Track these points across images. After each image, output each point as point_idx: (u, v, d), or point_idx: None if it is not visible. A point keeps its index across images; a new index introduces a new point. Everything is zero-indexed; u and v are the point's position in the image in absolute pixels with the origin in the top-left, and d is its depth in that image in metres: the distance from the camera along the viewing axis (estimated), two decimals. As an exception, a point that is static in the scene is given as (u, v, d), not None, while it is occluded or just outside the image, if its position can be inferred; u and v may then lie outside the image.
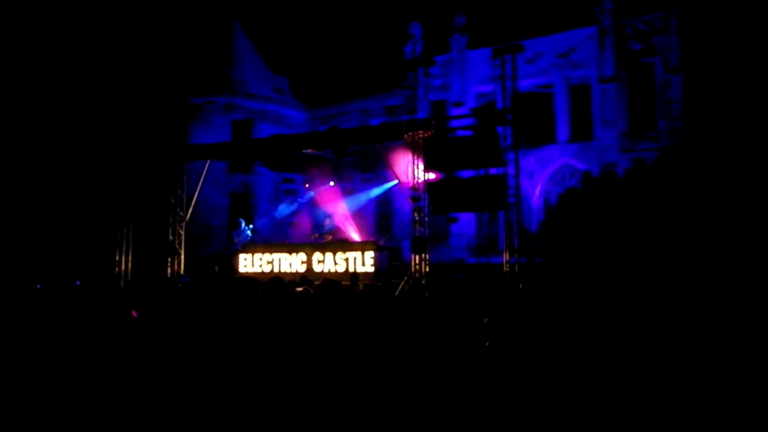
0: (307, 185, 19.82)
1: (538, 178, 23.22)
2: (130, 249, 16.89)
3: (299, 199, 18.26)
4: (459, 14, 25.25)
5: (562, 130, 23.34)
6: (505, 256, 14.32)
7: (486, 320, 6.53)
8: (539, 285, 10.48)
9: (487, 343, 6.25)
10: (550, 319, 6.56)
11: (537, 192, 23.25)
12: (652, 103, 21.18)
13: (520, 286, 12.52)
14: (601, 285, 9.41)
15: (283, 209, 18.99)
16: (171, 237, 16.92)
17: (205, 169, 17.10)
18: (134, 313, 6.18)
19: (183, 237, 17.05)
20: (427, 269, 14.38)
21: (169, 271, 16.58)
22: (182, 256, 16.99)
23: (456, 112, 23.39)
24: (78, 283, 9.53)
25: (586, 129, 22.70)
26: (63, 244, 18.87)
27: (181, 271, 16.80)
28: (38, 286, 9.93)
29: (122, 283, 16.44)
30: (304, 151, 16.93)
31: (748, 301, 6.75)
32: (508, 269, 14.09)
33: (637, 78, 21.87)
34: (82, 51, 23.46)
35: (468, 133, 15.90)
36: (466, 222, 22.81)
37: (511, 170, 16.39)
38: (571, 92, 23.40)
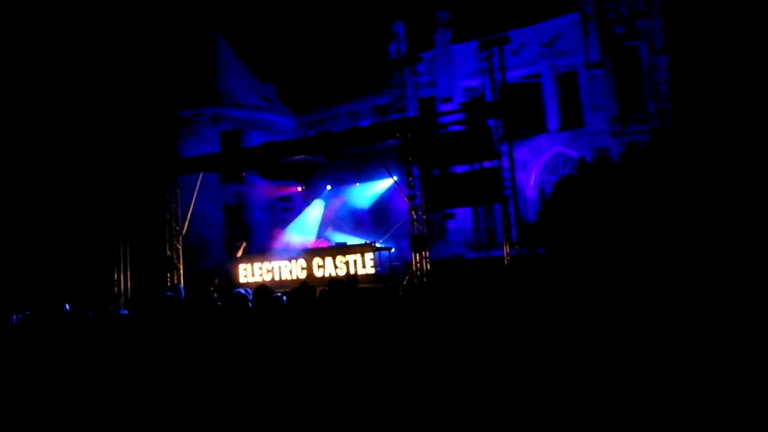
0: (299, 188, 19.75)
1: (531, 168, 23.22)
2: (128, 267, 16.77)
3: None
4: (441, 9, 25.22)
5: (552, 119, 23.36)
6: (506, 249, 14.29)
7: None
8: (543, 275, 10.45)
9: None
10: (554, 310, 6.51)
11: (531, 182, 23.25)
12: (639, 85, 21.23)
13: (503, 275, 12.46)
14: (605, 272, 9.39)
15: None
16: (169, 252, 16.81)
17: (199, 182, 17.01)
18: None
19: (181, 251, 16.96)
20: (428, 267, 14.33)
21: (168, 286, 16.47)
22: (181, 271, 16.89)
23: (444, 107, 23.35)
24: (67, 307, 9.33)
25: (576, 116, 22.74)
26: (58, 266, 18.71)
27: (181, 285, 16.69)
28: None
29: (122, 301, 16.31)
30: (297, 157, 16.85)
31: (751, 286, 6.72)
32: (509, 262, 14.06)
33: (623, 62, 21.91)
34: (69, 72, 23.32)
35: (459, 127, 15.87)
36: (462, 217, 22.78)
37: (505, 162, 16.40)
38: (559, 80, 23.43)
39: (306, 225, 19.18)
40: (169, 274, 16.79)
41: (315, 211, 19.10)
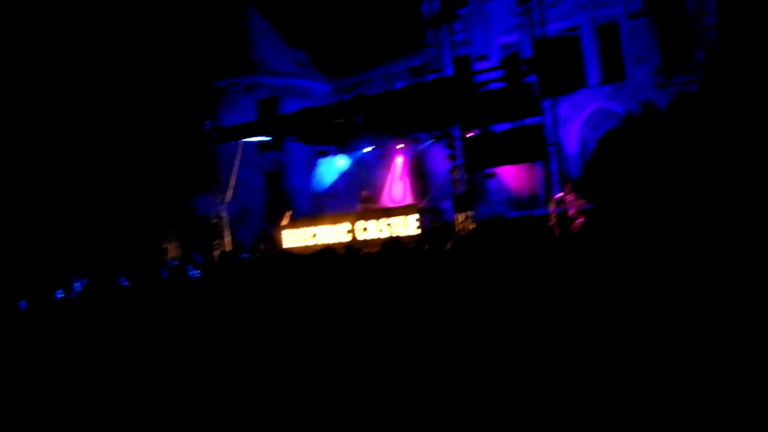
0: (339, 153, 19.79)
1: (572, 124, 22.71)
2: (176, 236, 17.21)
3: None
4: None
5: (593, 73, 22.72)
6: (551, 207, 14.13)
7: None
8: (597, 232, 10.30)
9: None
10: (610, 270, 6.38)
11: (573, 139, 22.78)
12: (685, 33, 20.38)
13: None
14: (660, 225, 9.18)
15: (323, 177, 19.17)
16: (214, 220, 17.14)
17: (240, 150, 17.20)
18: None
19: (226, 219, 17.27)
20: (473, 226, 14.29)
21: (216, 253, 16.84)
22: (227, 238, 17.23)
23: (481, 65, 22.92)
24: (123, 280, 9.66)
25: (617, 69, 22.04)
26: (111, 238, 19.28)
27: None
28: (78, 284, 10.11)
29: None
30: (336, 121, 16.85)
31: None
32: (555, 220, 13.91)
33: (667, 9, 21.02)
34: (113, 49, 23.67)
35: (499, 85, 15.59)
36: (503, 176, 22.58)
37: (547, 119, 16.05)
38: (599, 32, 22.67)
39: (324, 175, 19.43)
40: (215, 242, 17.16)
41: (336, 164, 19.29)
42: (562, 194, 14.80)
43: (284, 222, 17.59)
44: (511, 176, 23.04)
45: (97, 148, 21.36)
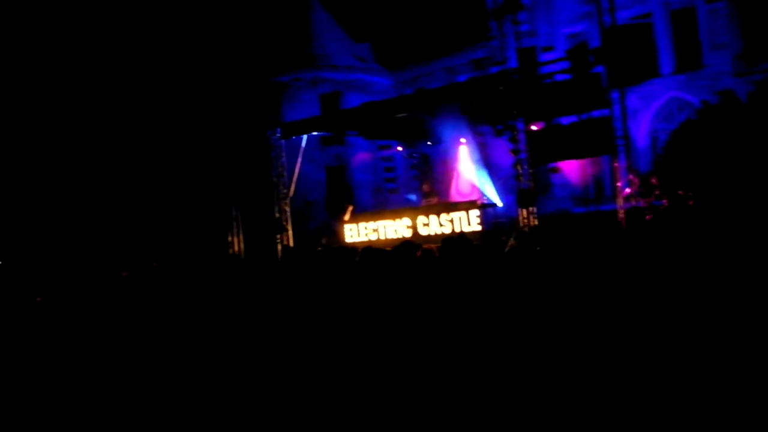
0: (399, 149, 19.73)
1: (642, 116, 21.76)
2: (241, 229, 17.58)
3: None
4: (541, -48, 23.85)
5: (666, 62, 21.67)
6: (619, 202, 13.58)
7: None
8: (669, 230, 9.82)
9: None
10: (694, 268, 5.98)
11: (643, 132, 21.84)
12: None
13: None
14: (741, 224, 8.65)
15: None
16: (277, 214, 17.42)
17: (303, 144, 17.40)
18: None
19: (289, 213, 17.52)
20: (536, 222, 13.94)
21: (279, 247, 17.12)
22: (290, 232, 17.48)
23: (546, 57, 22.28)
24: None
25: (693, 57, 20.91)
26: (180, 231, 19.92)
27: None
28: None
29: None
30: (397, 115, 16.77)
31: None
32: (623, 216, 13.36)
33: (751, -9, 19.78)
34: (180, 49, 24.42)
35: (566, 76, 15.09)
36: (568, 170, 21.90)
37: (616, 110, 15.45)
38: (673, 18, 21.59)
39: None
40: (278, 236, 17.45)
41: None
42: (630, 190, 14.23)
43: (346, 217, 17.67)
44: (577, 171, 22.33)
45: (164, 144, 22.10)
